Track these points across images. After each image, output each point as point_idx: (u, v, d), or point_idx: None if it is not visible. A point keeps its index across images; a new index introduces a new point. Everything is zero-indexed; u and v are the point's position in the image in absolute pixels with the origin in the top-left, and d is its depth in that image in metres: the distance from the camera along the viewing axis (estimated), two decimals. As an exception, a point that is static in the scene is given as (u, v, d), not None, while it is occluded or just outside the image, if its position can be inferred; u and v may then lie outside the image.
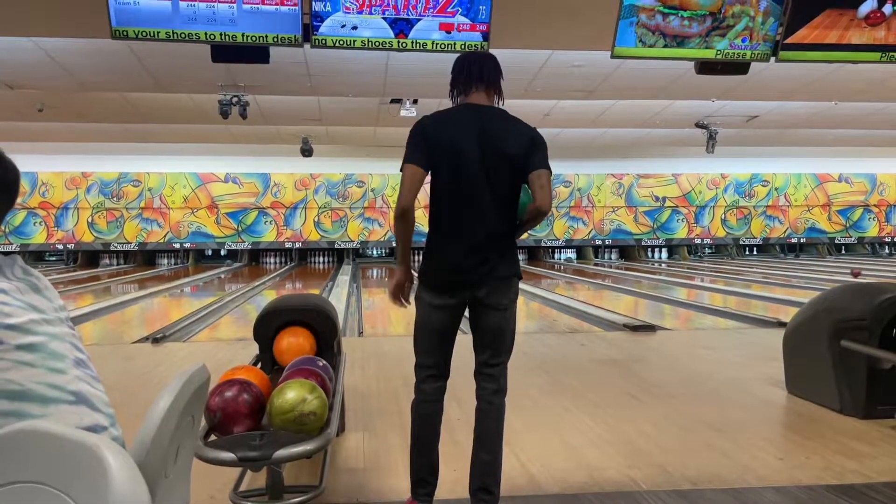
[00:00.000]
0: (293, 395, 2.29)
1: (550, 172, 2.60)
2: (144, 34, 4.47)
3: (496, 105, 2.63)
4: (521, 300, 9.44)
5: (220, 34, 4.51)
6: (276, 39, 4.54)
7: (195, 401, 1.30)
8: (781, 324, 6.30)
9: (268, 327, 3.41)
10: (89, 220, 18.58)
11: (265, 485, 2.51)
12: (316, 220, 19.13)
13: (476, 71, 2.59)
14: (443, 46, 4.61)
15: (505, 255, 2.56)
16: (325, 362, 2.88)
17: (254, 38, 4.57)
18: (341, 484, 2.92)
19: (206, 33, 4.49)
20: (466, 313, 2.63)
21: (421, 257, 2.60)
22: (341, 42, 4.53)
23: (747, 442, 3.46)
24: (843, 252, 20.97)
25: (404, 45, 4.60)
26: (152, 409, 1.17)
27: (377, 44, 4.56)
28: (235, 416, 2.24)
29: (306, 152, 15.31)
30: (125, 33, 4.47)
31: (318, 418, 2.29)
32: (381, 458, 3.25)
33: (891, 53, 5.13)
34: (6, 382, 1.20)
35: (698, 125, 13.57)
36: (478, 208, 2.50)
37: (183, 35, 4.47)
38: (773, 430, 3.89)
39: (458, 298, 2.53)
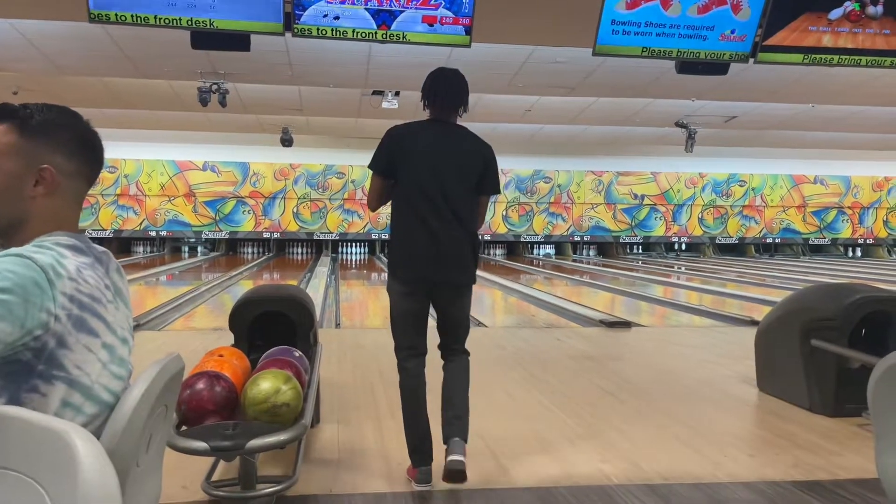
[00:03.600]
0: (267, 385, 2.28)
1: (498, 192, 2.96)
2: (122, 18, 4.41)
3: (457, 121, 2.93)
4: (499, 294, 9.41)
5: (199, 20, 4.46)
6: (256, 27, 4.51)
7: (169, 390, 1.29)
8: (755, 322, 6.38)
9: (244, 317, 3.39)
10: (64, 205, 18.29)
11: (238, 475, 2.51)
12: (295, 210, 19.02)
13: (449, 93, 2.91)
14: (426, 39, 4.60)
15: (463, 251, 2.83)
16: (300, 353, 2.87)
17: (234, 26, 4.52)
18: (315, 475, 2.91)
19: (185, 19, 4.43)
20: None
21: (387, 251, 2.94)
22: (323, 32, 4.50)
23: (718, 439, 3.51)
24: (818, 253, 21.29)
25: (387, 36, 4.58)
26: (125, 398, 1.16)
27: (359, 34, 4.54)
28: (200, 412, 2.22)
29: (286, 142, 15.20)
30: (102, 17, 4.40)
31: (292, 409, 2.28)
32: (355, 450, 3.25)
33: (868, 58, 5.20)
34: (83, 375, 1.21)
35: (678, 124, 13.67)
36: (436, 213, 2.76)
37: (161, 20, 4.41)
38: (744, 427, 3.94)
39: (423, 288, 2.83)
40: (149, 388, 1.17)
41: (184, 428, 2.27)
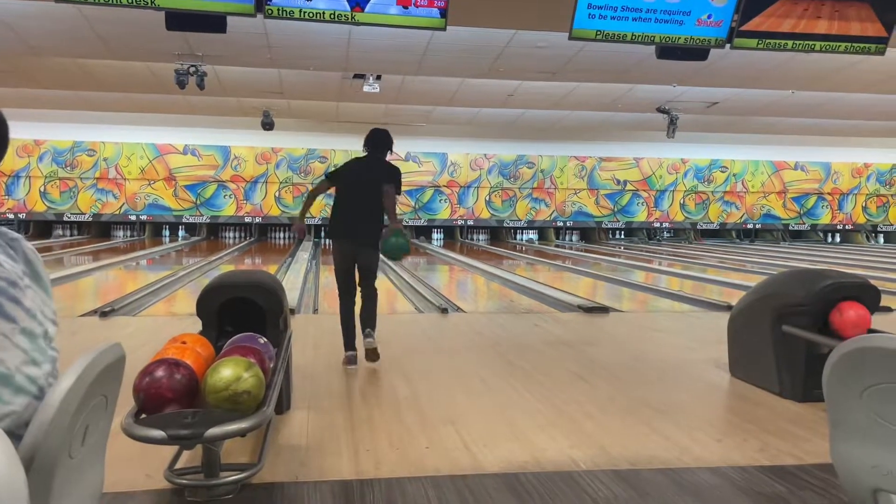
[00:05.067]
0: (228, 372, 2.25)
1: (398, 192, 4.64)
2: (91, -2, 4.32)
3: (384, 156, 4.73)
4: (481, 280, 9.56)
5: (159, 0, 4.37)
6: (226, 8, 4.43)
7: (106, 380, 1.26)
8: (731, 308, 6.40)
9: (211, 304, 3.35)
10: (42, 189, 18.07)
11: (201, 463, 2.48)
12: (277, 194, 18.89)
13: (374, 141, 4.71)
14: (400, 22, 4.55)
15: (371, 228, 4.60)
16: (265, 340, 2.84)
17: (206, 6, 4.44)
18: (281, 462, 2.89)
19: (154, -1, 4.35)
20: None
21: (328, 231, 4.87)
22: (295, 13, 4.43)
23: (688, 424, 3.53)
24: (798, 238, 21.47)
25: (361, 18, 4.52)
26: (52, 389, 1.13)
27: (332, 16, 4.47)
28: (159, 400, 2.19)
29: (267, 126, 15.06)
30: (70, -3, 4.31)
31: (254, 397, 2.25)
32: (324, 437, 3.23)
33: (845, 44, 5.21)
34: (1, 364, 1.17)
35: (660, 110, 13.69)
36: (357, 205, 4.60)
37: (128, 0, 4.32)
38: (714, 412, 3.97)
39: (350, 250, 4.61)
40: (79, 378, 1.13)
41: (143, 416, 2.24)
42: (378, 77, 10.73)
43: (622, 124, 16.31)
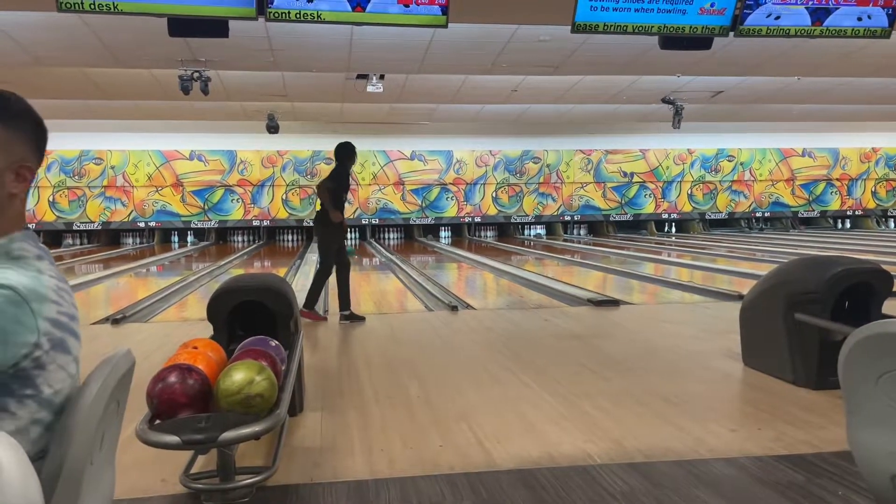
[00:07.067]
0: (240, 376, 2.25)
1: (327, 189, 6.65)
2: (92, 7, 4.33)
3: (340, 163, 6.74)
4: (490, 276, 9.68)
5: (159, 6, 4.37)
6: (227, 12, 4.43)
7: (120, 386, 1.26)
8: (742, 297, 6.36)
9: (221, 308, 3.36)
10: (50, 198, 18.17)
11: (216, 467, 2.49)
12: (284, 197, 18.92)
13: (335, 153, 6.58)
14: (401, 20, 4.54)
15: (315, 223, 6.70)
16: (277, 343, 2.84)
17: (207, 11, 4.44)
18: (296, 463, 2.90)
19: (156, 6, 4.35)
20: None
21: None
22: (297, 15, 4.43)
23: (701, 415, 3.51)
24: (807, 226, 21.33)
25: (362, 18, 4.51)
26: (78, 401, 1.14)
27: (334, 17, 4.46)
28: (173, 405, 2.19)
29: (272, 129, 15.08)
30: (72, 6, 4.32)
31: (266, 400, 2.26)
32: (337, 438, 3.23)
33: (848, 28, 5.17)
34: (53, 394, 1.18)
35: (665, 100, 13.62)
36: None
37: (131, 8, 4.33)
38: (728, 402, 3.95)
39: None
40: (101, 388, 1.14)
41: (157, 422, 2.24)
42: (381, 77, 10.72)
43: (627, 116, 16.24)
